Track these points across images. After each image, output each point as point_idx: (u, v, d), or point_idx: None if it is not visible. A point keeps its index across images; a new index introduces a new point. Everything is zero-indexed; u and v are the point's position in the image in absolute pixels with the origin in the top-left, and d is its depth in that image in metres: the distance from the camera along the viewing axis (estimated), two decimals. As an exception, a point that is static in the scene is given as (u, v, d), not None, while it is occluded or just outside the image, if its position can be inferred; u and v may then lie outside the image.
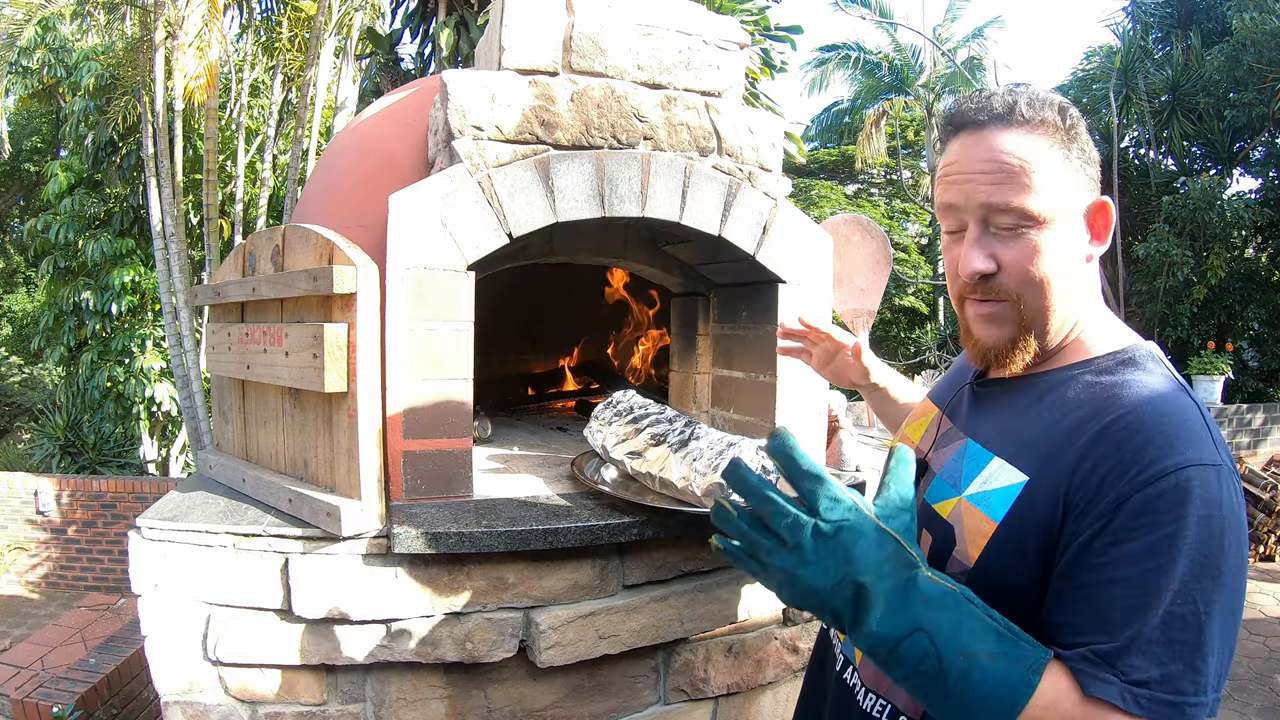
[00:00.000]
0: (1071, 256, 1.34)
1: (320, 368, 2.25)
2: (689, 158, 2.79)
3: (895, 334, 21.51)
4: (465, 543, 2.20)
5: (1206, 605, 1.11)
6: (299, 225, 2.49)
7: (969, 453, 1.43)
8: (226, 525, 2.29)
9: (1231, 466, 1.19)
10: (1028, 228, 1.31)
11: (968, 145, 1.37)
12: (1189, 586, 1.11)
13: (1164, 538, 1.12)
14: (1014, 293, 1.35)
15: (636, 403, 2.83)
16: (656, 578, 2.52)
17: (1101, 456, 1.20)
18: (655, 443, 2.54)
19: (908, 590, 1.14)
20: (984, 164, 1.34)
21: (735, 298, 3.34)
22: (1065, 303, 1.36)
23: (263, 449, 2.72)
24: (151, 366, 11.61)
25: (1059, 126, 1.34)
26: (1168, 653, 1.10)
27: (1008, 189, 1.31)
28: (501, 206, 2.50)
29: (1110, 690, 1.10)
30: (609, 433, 2.74)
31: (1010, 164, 1.31)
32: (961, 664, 1.12)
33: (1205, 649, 1.10)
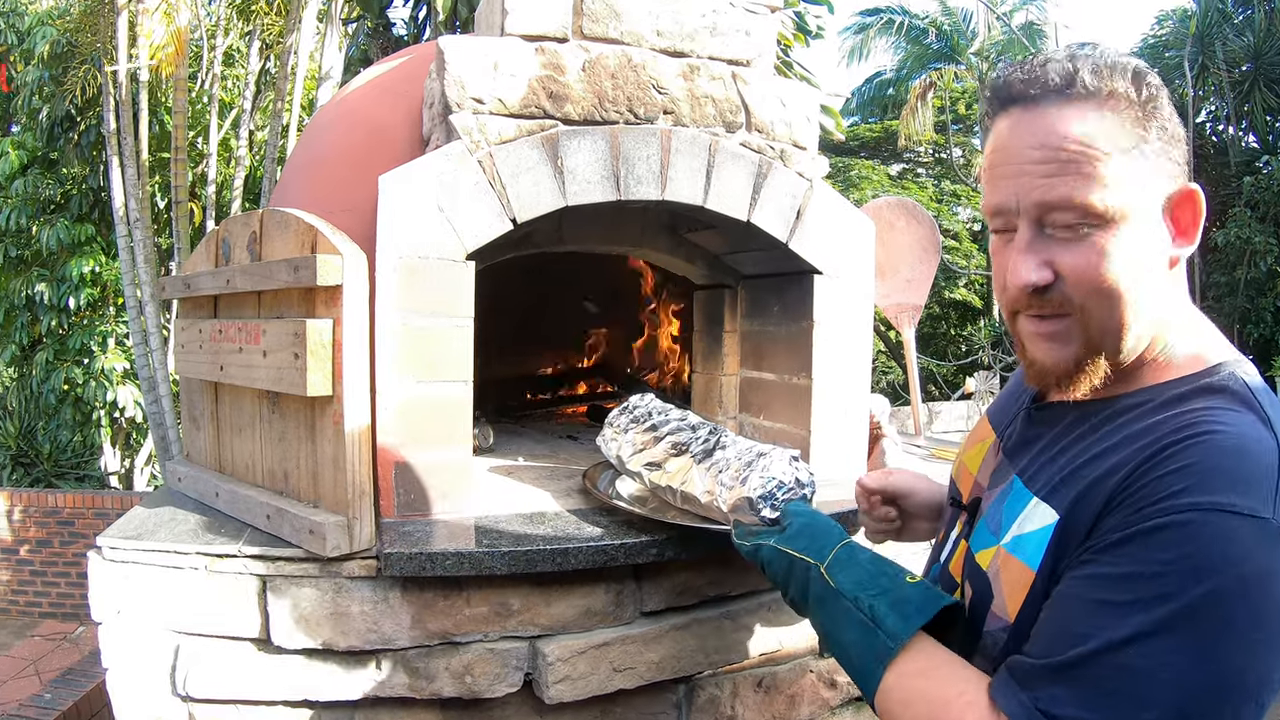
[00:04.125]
0: (1149, 261, 1.23)
1: (302, 369, 2.25)
2: (714, 134, 2.79)
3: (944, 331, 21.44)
4: (464, 564, 2.20)
5: (1181, 680, 1.04)
6: (278, 209, 2.50)
7: (1012, 491, 1.36)
8: (197, 545, 2.30)
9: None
10: (1094, 228, 1.21)
11: (1017, 127, 1.26)
12: (1164, 646, 1.05)
13: (1147, 575, 1.07)
14: (1077, 306, 1.25)
15: (655, 407, 2.80)
16: (678, 604, 2.52)
17: (1128, 492, 1.14)
18: (676, 452, 2.49)
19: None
20: (1037, 151, 1.23)
21: (766, 290, 3.34)
22: (1141, 317, 1.24)
23: (238, 459, 2.73)
24: (114, 367, 11.62)
25: (1133, 100, 1.21)
26: (1099, 699, 1.07)
27: (1067, 181, 1.20)
28: (505, 188, 2.50)
29: (1013, 704, 1.14)
30: (624, 441, 2.72)
31: (1070, 149, 1.20)
32: (837, 650, 1.48)
33: (1143, 714, 1.05)
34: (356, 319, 2.29)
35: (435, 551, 2.20)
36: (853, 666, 1.43)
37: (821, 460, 3.02)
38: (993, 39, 19.24)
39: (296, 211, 2.43)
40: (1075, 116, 1.21)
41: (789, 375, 3.17)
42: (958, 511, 1.59)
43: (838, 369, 3.04)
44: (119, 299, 11.96)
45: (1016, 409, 1.54)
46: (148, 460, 12.71)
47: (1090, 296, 1.23)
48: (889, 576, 1.48)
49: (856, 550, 1.57)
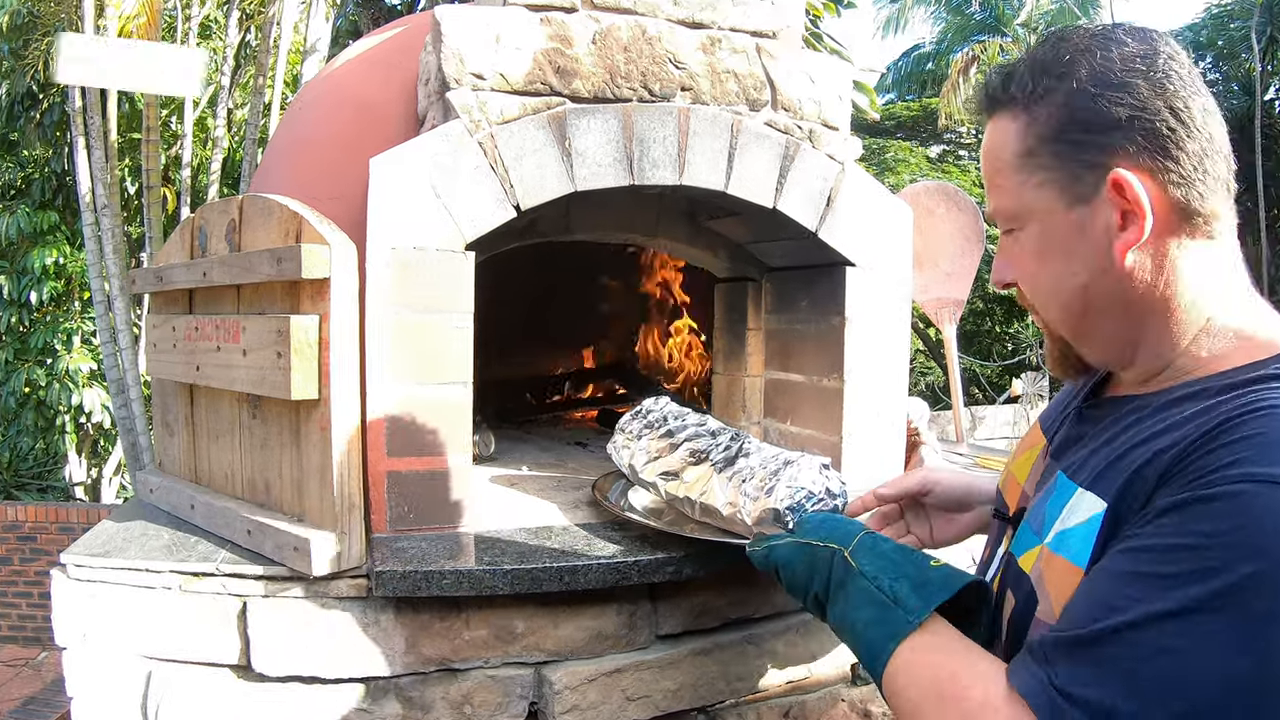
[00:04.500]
0: (1070, 258, 1.35)
1: (285, 369, 2.25)
2: (736, 113, 2.79)
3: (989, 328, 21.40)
4: (463, 583, 2.20)
5: (1221, 667, 1.03)
6: (259, 195, 2.50)
7: (1056, 487, 1.40)
8: (171, 562, 2.30)
9: None
10: (1016, 230, 1.40)
11: (986, 137, 1.44)
12: (1205, 627, 1.04)
13: (1190, 547, 1.08)
14: (1030, 303, 1.46)
15: (671, 412, 2.82)
16: (697, 626, 2.52)
17: (1182, 466, 1.16)
18: (695, 460, 2.51)
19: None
20: (985, 164, 1.44)
21: (793, 284, 3.34)
22: (1101, 314, 1.36)
23: (215, 469, 2.74)
24: (79, 368, 11.63)
25: (1023, 94, 1.36)
26: (1125, 681, 1.08)
27: (991, 193, 1.43)
28: (507, 172, 2.51)
29: (1029, 680, 1.16)
30: (638, 449, 2.73)
31: (990, 162, 1.42)
32: (849, 633, 1.53)
33: (1169, 704, 1.05)
34: (345, 315, 2.29)
35: (431, 570, 2.20)
36: (863, 646, 1.49)
37: (854, 470, 3.02)
38: (1041, 9, 19.22)
39: (279, 198, 2.43)
40: (998, 127, 1.40)
41: (818, 376, 3.17)
42: (1003, 526, 1.61)
43: (872, 370, 3.04)
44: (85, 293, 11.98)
45: (1067, 410, 1.57)
46: (116, 470, 12.73)
47: (1034, 296, 1.43)
48: (914, 563, 1.54)
49: (880, 540, 1.64)
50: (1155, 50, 1.30)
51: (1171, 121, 1.27)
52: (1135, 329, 1.35)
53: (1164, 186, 1.27)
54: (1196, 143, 1.27)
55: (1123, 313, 1.34)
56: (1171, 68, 1.28)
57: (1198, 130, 1.27)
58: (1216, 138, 1.29)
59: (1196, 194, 1.28)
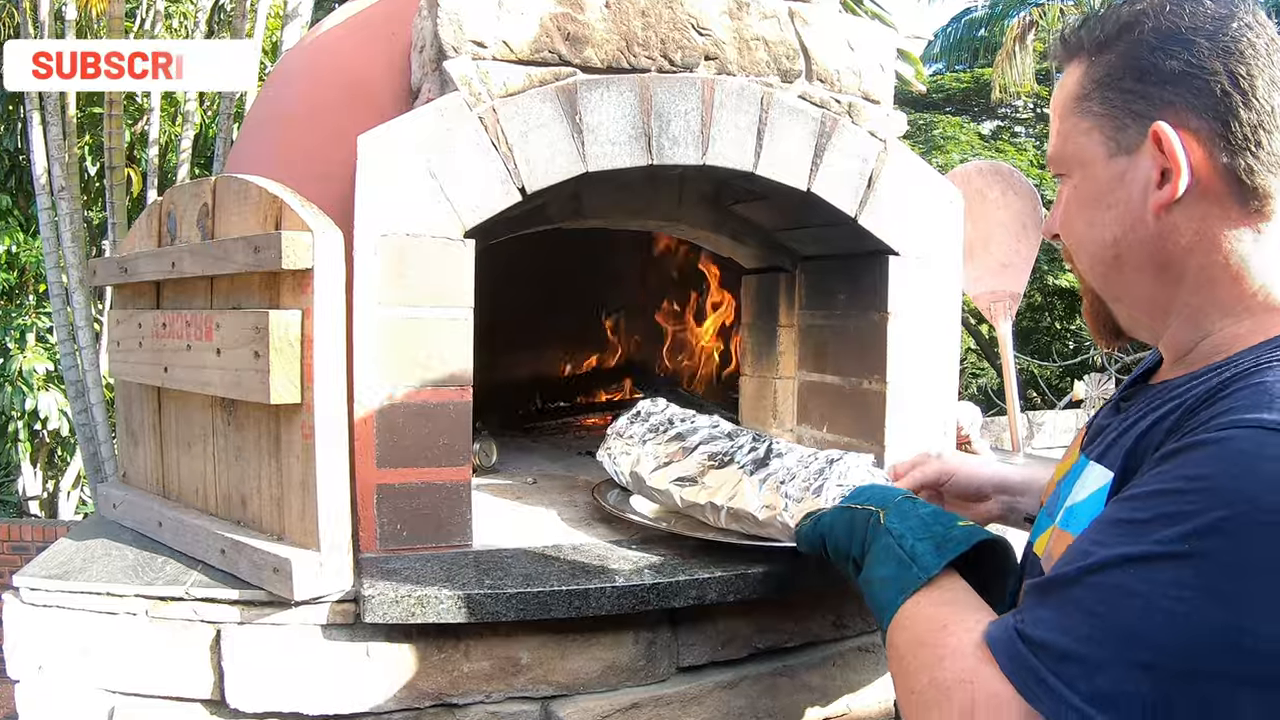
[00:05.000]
0: (1107, 208, 1.45)
1: (264, 370, 2.25)
2: (767, 84, 2.79)
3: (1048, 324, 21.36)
4: (462, 609, 2.20)
5: (1183, 617, 1.08)
6: (235, 176, 2.51)
7: (1075, 471, 1.52)
8: (137, 585, 2.31)
9: None
10: (1064, 177, 1.53)
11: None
12: (1170, 574, 1.10)
13: (1169, 491, 1.15)
14: (1070, 257, 1.58)
15: (676, 414, 2.86)
16: (722, 657, 2.52)
17: (1180, 424, 1.27)
18: (717, 464, 2.53)
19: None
20: (1051, 108, 1.57)
21: (829, 275, 3.33)
22: (1133, 272, 1.45)
23: (186, 482, 2.75)
24: (34, 369, 11.61)
25: (1090, 41, 1.46)
26: (1081, 623, 1.15)
27: (1050, 136, 1.56)
28: (511, 151, 2.51)
29: (998, 626, 1.27)
30: (643, 454, 2.75)
31: (1053, 104, 1.55)
32: (870, 593, 1.68)
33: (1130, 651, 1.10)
34: (331, 310, 2.29)
35: (426, 594, 2.20)
36: (877, 604, 1.64)
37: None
38: (1107, -34, 19.14)
39: (257, 179, 2.44)
40: (1066, 74, 1.51)
41: (858, 379, 3.17)
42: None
43: (918, 371, 3.04)
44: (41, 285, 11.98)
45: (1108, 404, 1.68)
46: (75, 482, 12.75)
47: (1068, 242, 1.56)
48: (942, 524, 1.71)
49: (919, 504, 1.82)
50: (1231, 14, 1.35)
51: (1227, 86, 1.32)
52: (1167, 295, 1.43)
53: (1210, 151, 1.33)
54: (1254, 114, 1.32)
55: (1154, 275, 1.43)
56: (1244, 35, 1.33)
57: (1257, 101, 1.32)
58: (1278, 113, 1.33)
59: (1245, 165, 1.33)
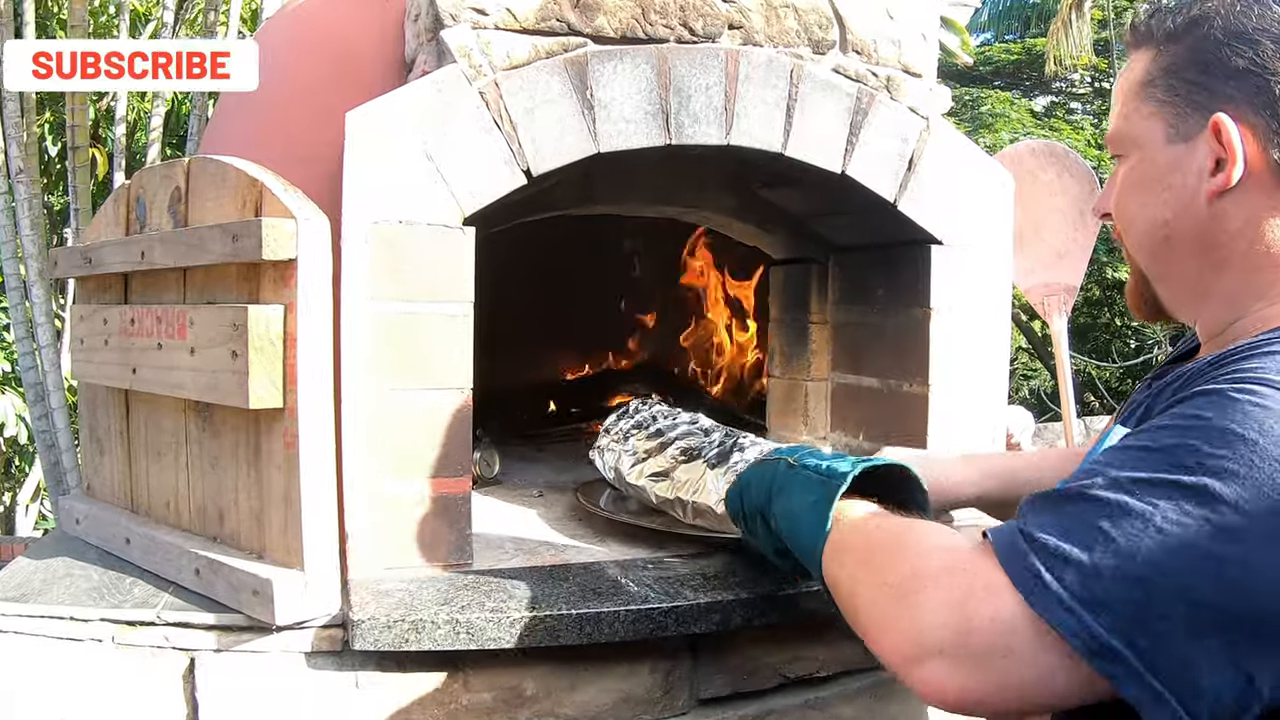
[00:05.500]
0: (1161, 191, 1.60)
1: (243, 371, 2.25)
2: (797, 56, 2.78)
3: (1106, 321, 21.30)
4: (461, 635, 2.19)
5: (1179, 540, 1.18)
6: (211, 158, 2.51)
7: (1103, 438, 1.70)
8: (102, 609, 2.31)
9: None
10: (1121, 158, 1.67)
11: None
12: (1171, 497, 1.21)
13: (1181, 428, 1.28)
14: (1121, 236, 1.72)
15: (661, 411, 3.01)
16: (747, 687, 2.51)
17: (1201, 375, 1.42)
18: (687, 459, 2.63)
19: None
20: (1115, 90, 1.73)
21: (866, 267, 3.33)
22: (1180, 254, 1.61)
23: (156, 494, 2.74)
24: (-12, 370, 11.68)
25: (1161, 31, 1.59)
26: (1083, 531, 1.25)
27: (1111, 117, 1.71)
28: (515, 129, 2.50)
29: (1004, 530, 1.35)
30: (623, 451, 2.87)
31: (1119, 86, 1.69)
32: (790, 530, 1.92)
33: (1127, 564, 1.20)
34: (316, 305, 2.29)
35: (422, 618, 2.19)
36: (803, 531, 1.86)
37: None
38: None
39: (235, 160, 2.44)
40: (1134, 60, 1.65)
41: (897, 381, 3.16)
42: None
43: (963, 373, 3.03)
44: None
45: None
46: (34, 495, 12.76)
47: (1119, 220, 1.70)
48: (859, 457, 1.98)
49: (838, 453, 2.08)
50: None
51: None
52: (1209, 278, 1.59)
53: (1264, 145, 1.48)
54: None
55: (1200, 257, 1.58)
56: None
57: None
58: None
59: None
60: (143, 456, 2.77)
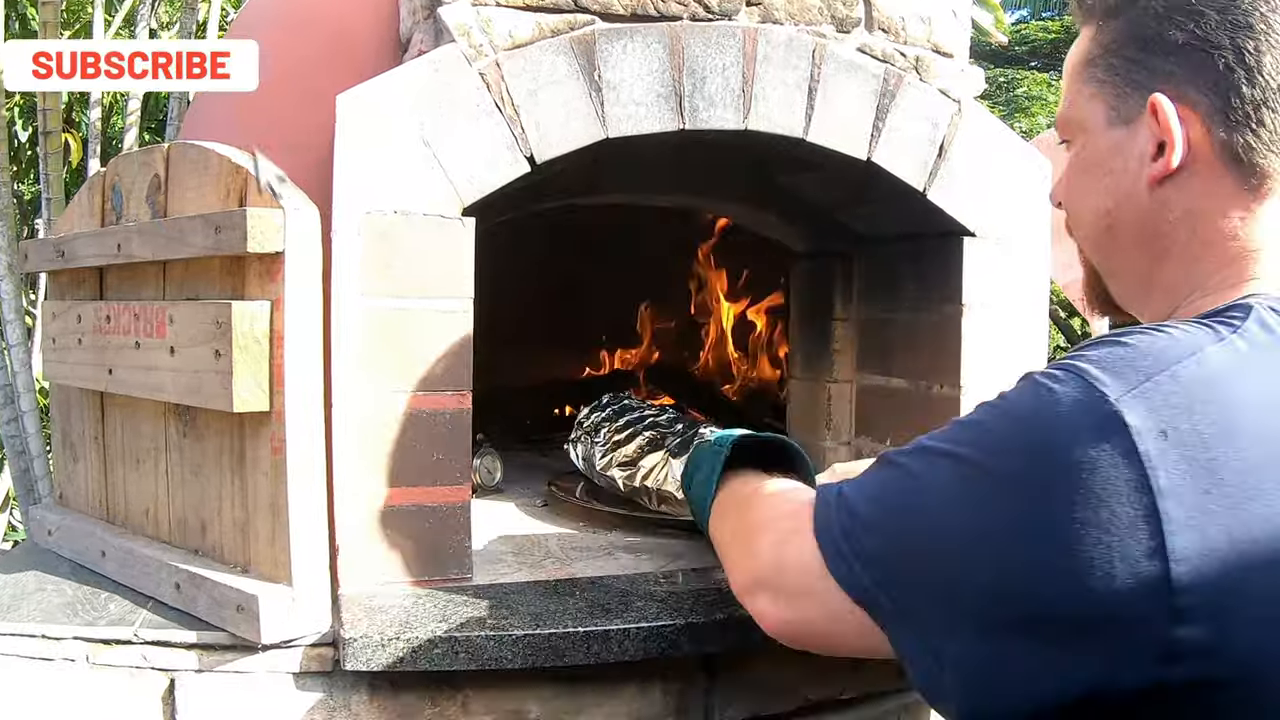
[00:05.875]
0: (1103, 178, 1.60)
1: (226, 372, 2.24)
2: (819, 35, 2.78)
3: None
4: (460, 654, 2.19)
5: (944, 502, 1.35)
6: (192, 143, 2.51)
7: None
8: (76, 626, 2.31)
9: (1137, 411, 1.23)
10: (1069, 144, 1.69)
11: None
12: (940, 463, 1.38)
13: (981, 407, 1.40)
14: (1071, 227, 1.74)
15: (632, 403, 3.33)
16: (766, 710, 2.52)
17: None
18: (652, 448, 2.99)
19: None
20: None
21: (893, 260, 3.33)
22: (1126, 245, 1.61)
23: (134, 504, 2.75)
24: (-47, 372, 11.62)
25: (1101, 5, 1.60)
26: (873, 486, 1.49)
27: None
28: (518, 113, 2.51)
29: (828, 486, 1.57)
30: (595, 443, 3.21)
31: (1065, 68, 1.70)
32: (689, 497, 2.22)
33: (896, 520, 1.42)
34: (305, 301, 2.29)
35: (417, 636, 2.18)
36: (697, 503, 2.14)
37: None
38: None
39: (218, 146, 2.44)
40: (1080, 37, 1.66)
41: (927, 383, 3.16)
42: None
43: (998, 373, 3.01)
44: (-38, 273, 11.98)
45: None
46: (3, 504, 12.74)
47: (1067, 211, 1.72)
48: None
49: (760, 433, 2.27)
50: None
51: (1232, 61, 1.45)
52: (1153, 270, 1.59)
53: (1209, 127, 1.47)
54: (1257, 90, 1.44)
55: (1143, 249, 1.58)
56: (1257, 8, 1.45)
57: (1262, 79, 1.44)
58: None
59: (1244, 143, 1.46)
60: (119, 463, 2.78)
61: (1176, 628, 1.13)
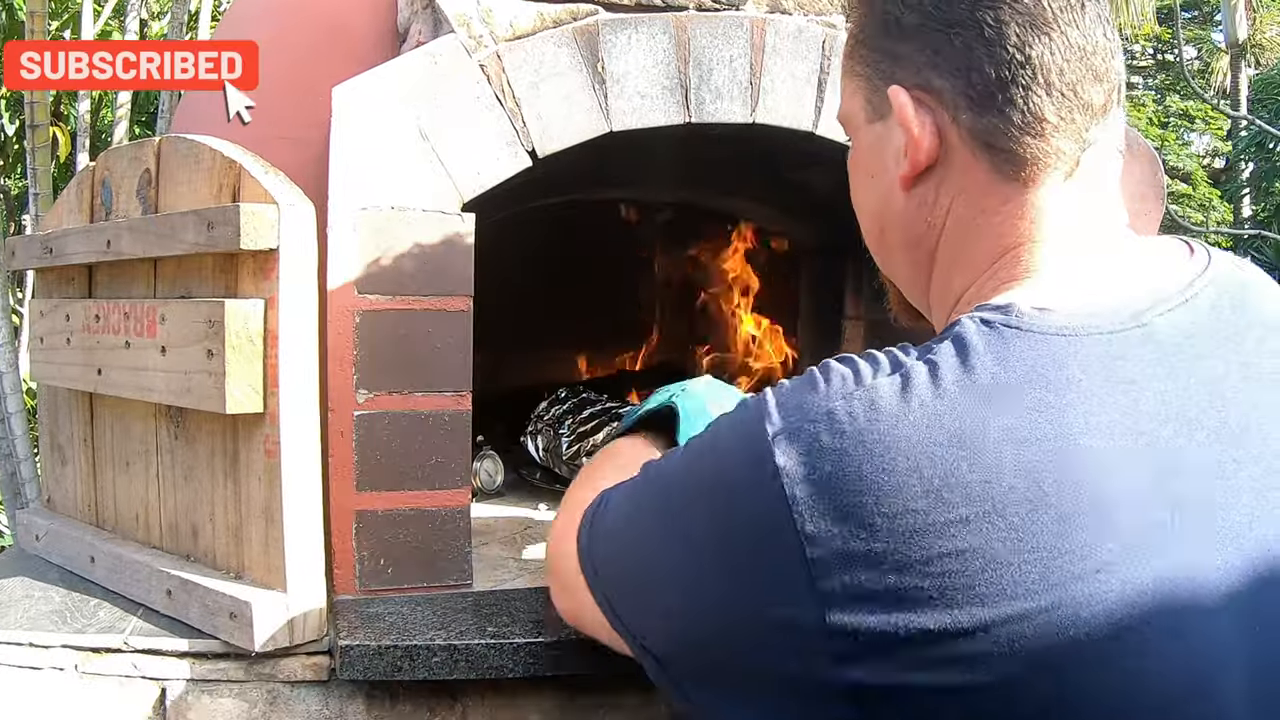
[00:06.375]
0: (869, 177, 1.56)
1: (219, 373, 2.22)
2: (829, 25, 2.77)
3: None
4: (460, 663, 2.18)
5: (634, 500, 1.49)
6: (184, 137, 2.50)
7: None
8: (64, 634, 2.30)
9: (806, 434, 1.20)
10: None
11: None
12: (632, 484, 1.51)
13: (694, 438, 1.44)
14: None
15: (590, 396, 3.61)
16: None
17: None
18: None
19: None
20: None
21: (905, 259, 3.31)
22: (897, 248, 1.57)
23: (124, 508, 2.73)
24: (-59, 372, 11.63)
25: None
26: (623, 490, 1.54)
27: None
28: (519, 105, 2.49)
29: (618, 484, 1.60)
30: (560, 434, 3.47)
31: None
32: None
33: (598, 535, 1.55)
34: (300, 299, 2.27)
35: (416, 644, 2.17)
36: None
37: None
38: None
39: (211, 140, 2.42)
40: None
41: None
42: None
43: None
44: (-51, 271, 12.00)
45: None
46: (-10, 508, 12.77)
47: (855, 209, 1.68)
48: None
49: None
50: None
51: (970, 38, 1.34)
52: (927, 272, 1.53)
53: (954, 115, 1.37)
54: (1001, 68, 1.33)
55: (912, 251, 1.53)
56: None
57: (1006, 53, 1.33)
58: (1041, 66, 1.33)
59: (993, 126, 1.35)
60: (109, 466, 2.76)
61: (841, 671, 1.12)
